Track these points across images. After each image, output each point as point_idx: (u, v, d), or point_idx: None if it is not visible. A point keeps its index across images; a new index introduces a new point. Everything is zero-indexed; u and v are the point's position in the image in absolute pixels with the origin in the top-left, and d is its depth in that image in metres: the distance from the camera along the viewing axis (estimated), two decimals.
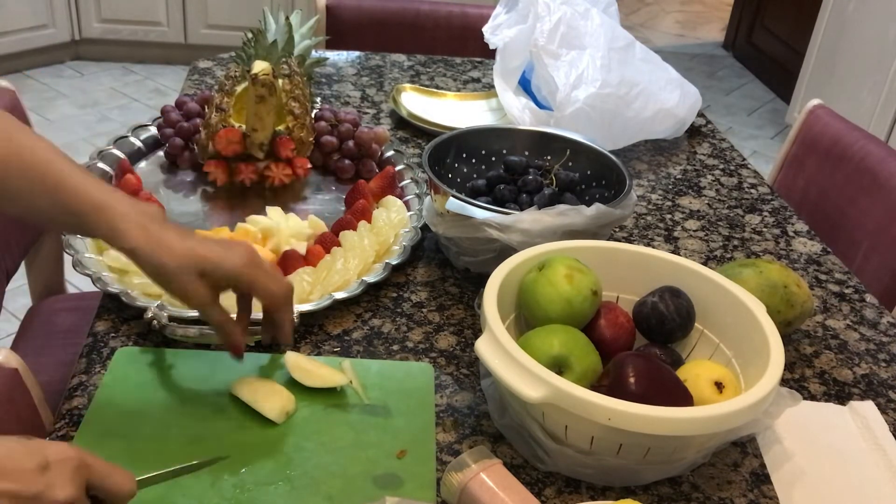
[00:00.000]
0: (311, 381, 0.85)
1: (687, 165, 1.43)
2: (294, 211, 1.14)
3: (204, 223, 1.13)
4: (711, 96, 3.95)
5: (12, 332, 1.40)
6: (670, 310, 0.85)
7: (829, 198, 1.45)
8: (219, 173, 1.18)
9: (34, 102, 3.27)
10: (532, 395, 0.70)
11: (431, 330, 0.96)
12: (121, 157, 1.20)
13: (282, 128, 1.18)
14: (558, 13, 1.36)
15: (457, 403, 0.86)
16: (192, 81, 1.56)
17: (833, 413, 0.90)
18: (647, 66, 1.43)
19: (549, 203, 1.02)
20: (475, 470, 0.70)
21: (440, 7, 1.97)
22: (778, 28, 4.03)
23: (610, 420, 0.69)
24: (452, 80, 1.68)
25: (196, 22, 3.58)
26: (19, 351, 1.01)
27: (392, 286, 1.03)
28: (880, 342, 1.03)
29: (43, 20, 3.41)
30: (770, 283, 0.94)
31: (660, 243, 1.19)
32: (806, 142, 1.54)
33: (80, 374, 0.85)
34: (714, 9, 5.28)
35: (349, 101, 1.54)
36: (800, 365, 0.97)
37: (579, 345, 0.80)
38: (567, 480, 0.78)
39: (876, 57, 2.95)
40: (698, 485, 0.79)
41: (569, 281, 0.83)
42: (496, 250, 0.97)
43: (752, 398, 0.71)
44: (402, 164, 1.25)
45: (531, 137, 1.16)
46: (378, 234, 1.06)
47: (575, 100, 1.31)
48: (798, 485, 0.80)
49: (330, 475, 0.76)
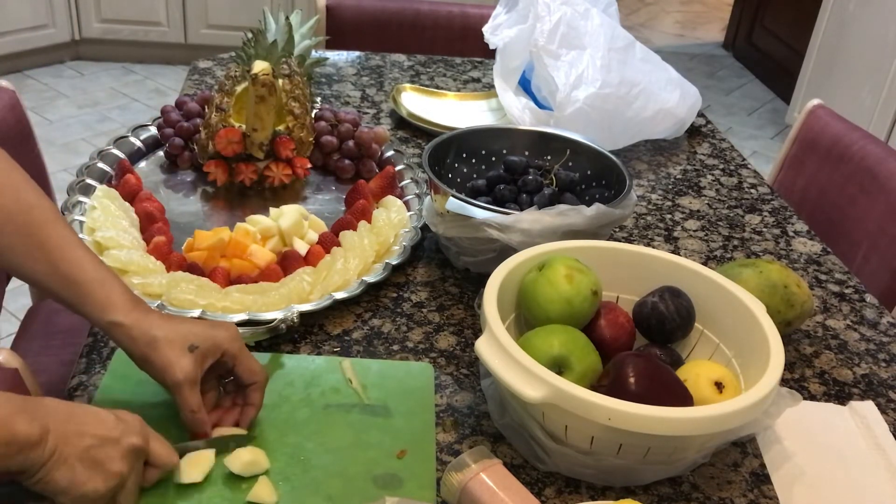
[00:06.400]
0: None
1: (687, 165, 1.43)
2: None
3: (204, 223, 1.13)
4: (711, 96, 3.95)
5: (12, 332, 1.40)
6: (670, 310, 0.85)
7: (829, 198, 1.45)
8: (219, 173, 1.18)
9: (34, 102, 3.27)
10: (532, 395, 0.70)
11: (431, 330, 0.96)
12: (121, 157, 1.20)
13: (282, 128, 1.18)
14: (558, 13, 1.36)
15: (457, 403, 0.86)
16: (192, 81, 1.56)
17: (833, 413, 0.90)
18: (647, 66, 1.43)
19: (549, 203, 1.02)
20: (475, 470, 0.70)
21: (440, 7, 1.97)
22: (778, 28, 4.03)
23: (610, 420, 0.69)
24: (452, 80, 1.68)
25: (196, 22, 3.58)
26: (19, 351, 1.01)
27: (392, 286, 1.03)
28: (880, 342, 1.03)
29: (43, 20, 3.41)
30: (770, 283, 0.94)
31: (660, 243, 1.19)
32: (806, 142, 1.54)
33: (80, 374, 0.85)
34: (714, 9, 5.28)
35: (349, 101, 1.54)
36: (800, 365, 0.97)
37: (579, 345, 0.80)
38: (567, 480, 0.78)
39: (876, 57, 2.95)
40: (698, 485, 0.79)
41: (569, 281, 0.83)
42: (496, 250, 0.97)
43: (752, 398, 0.71)
44: (402, 164, 1.25)
45: (531, 137, 1.16)
46: (378, 234, 1.06)
47: (575, 100, 1.31)
48: (798, 485, 0.80)
49: (330, 475, 0.76)
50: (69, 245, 0.77)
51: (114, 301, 0.75)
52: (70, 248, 0.77)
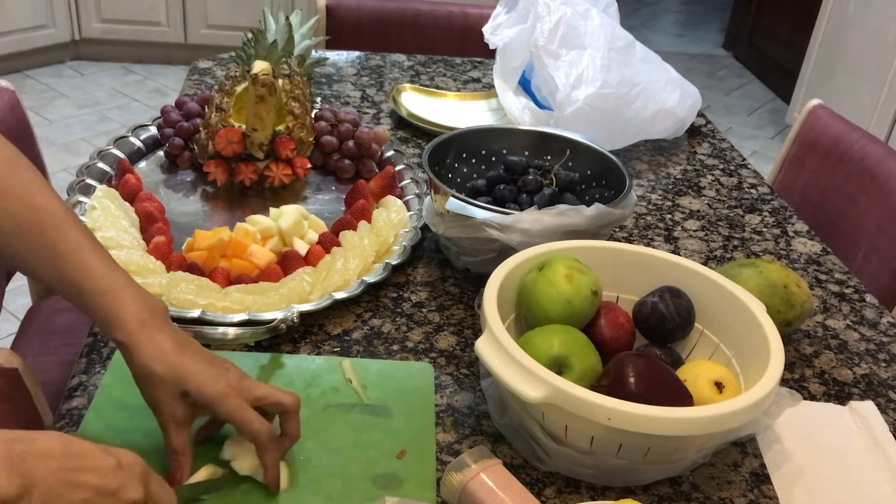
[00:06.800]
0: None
1: (687, 165, 1.43)
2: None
3: (204, 223, 1.13)
4: (711, 96, 3.95)
5: (12, 332, 1.40)
6: (670, 310, 0.85)
7: (829, 198, 1.45)
8: (219, 173, 1.18)
9: (34, 102, 3.27)
10: (532, 395, 0.70)
11: (431, 330, 0.96)
12: (121, 157, 1.20)
13: (282, 128, 1.18)
14: (558, 13, 1.36)
15: (457, 403, 0.86)
16: (192, 81, 1.56)
17: (833, 413, 0.90)
18: (647, 66, 1.43)
19: (549, 203, 1.02)
20: (475, 470, 0.70)
21: (440, 7, 1.97)
22: (778, 28, 4.03)
23: (610, 420, 0.69)
24: (452, 80, 1.68)
25: (196, 22, 3.59)
26: (19, 351, 1.01)
27: (392, 286, 1.03)
28: (880, 342, 1.03)
29: (43, 20, 3.41)
30: (770, 283, 0.94)
31: (660, 243, 1.19)
32: (806, 142, 1.54)
33: (80, 374, 0.85)
34: (714, 9, 5.28)
35: (349, 101, 1.54)
36: (800, 365, 0.97)
37: (579, 345, 0.80)
38: (567, 480, 0.78)
39: (876, 57, 2.95)
40: (698, 485, 0.79)
41: (569, 281, 0.83)
42: (496, 250, 0.97)
43: (752, 398, 0.71)
44: (402, 164, 1.25)
45: (531, 137, 1.16)
46: (378, 234, 1.06)
47: (575, 100, 1.31)
48: (798, 485, 0.80)
49: (330, 475, 0.76)
50: (78, 250, 0.72)
51: (119, 317, 0.71)
52: (78, 254, 0.72)
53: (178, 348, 0.71)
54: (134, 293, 0.73)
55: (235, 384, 0.72)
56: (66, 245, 0.72)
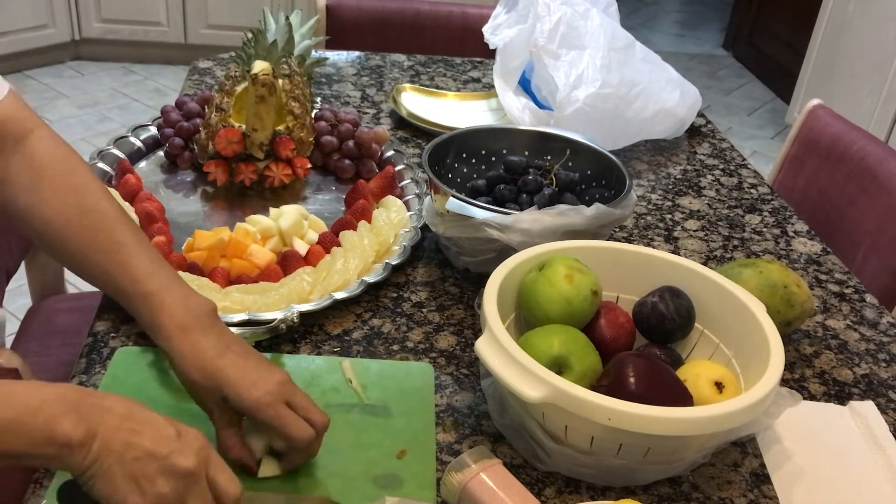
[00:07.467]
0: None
1: (687, 165, 1.43)
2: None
3: (204, 223, 1.13)
4: (711, 96, 3.95)
5: (12, 332, 1.40)
6: (670, 310, 0.85)
7: (829, 198, 1.45)
8: (219, 173, 1.18)
9: (34, 102, 3.27)
10: (532, 395, 0.70)
11: (431, 330, 0.96)
12: (121, 157, 1.20)
13: (282, 128, 1.18)
14: (558, 13, 1.36)
15: (457, 403, 0.86)
16: (192, 81, 1.56)
17: (833, 413, 0.90)
18: (647, 66, 1.43)
19: (549, 203, 1.02)
20: (475, 470, 0.70)
21: (440, 7, 1.97)
22: (778, 28, 4.03)
23: (610, 420, 0.69)
24: (452, 80, 1.68)
25: (196, 22, 3.59)
26: (19, 351, 1.01)
27: (392, 286, 1.03)
28: (880, 342, 1.03)
29: (43, 20, 3.41)
30: (770, 283, 0.94)
31: (660, 243, 1.19)
32: (806, 142, 1.54)
33: (80, 374, 0.85)
34: (714, 9, 5.28)
35: (349, 101, 1.54)
36: (800, 365, 0.97)
37: (579, 345, 0.80)
38: (567, 480, 0.78)
39: (876, 57, 2.95)
40: (698, 485, 0.79)
41: (569, 281, 0.83)
42: (496, 250, 0.97)
43: (752, 398, 0.71)
44: (402, 164, 1.25)
45: (531, 137, 1.16)
46: (378, 234, 1.06)
47: (575, 100, 1.31)
48: (798, 485, 0.80)
49: (330, 475, 0.76)
50: (126, 251, 0.73)
51: (160, 323, 0.72)
52: (125, 255, 0.73)
53: (218, 354, 0.72)
54: (177, 296, 0.74)
55: (275, 390, 0.72)
56: (113, 246, 0.74)
